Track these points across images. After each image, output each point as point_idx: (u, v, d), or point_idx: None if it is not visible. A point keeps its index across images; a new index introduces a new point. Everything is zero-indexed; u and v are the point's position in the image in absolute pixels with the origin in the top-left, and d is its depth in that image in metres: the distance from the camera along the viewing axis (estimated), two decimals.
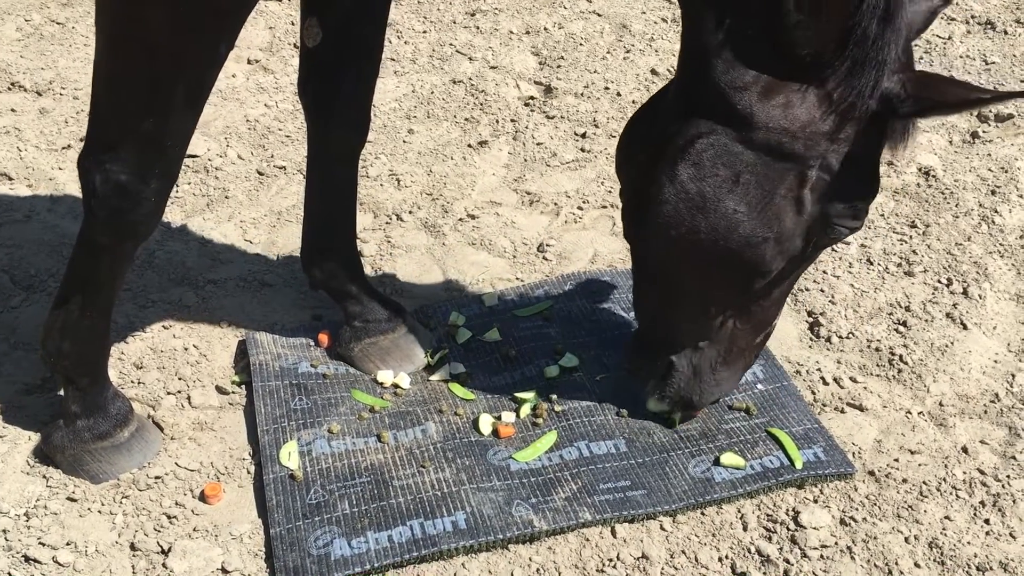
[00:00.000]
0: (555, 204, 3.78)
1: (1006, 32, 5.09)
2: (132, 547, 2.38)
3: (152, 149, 2.16)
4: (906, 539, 2.47)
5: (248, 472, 2.60)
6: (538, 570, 2.36)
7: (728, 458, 2.62)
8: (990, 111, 4.36)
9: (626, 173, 2.46)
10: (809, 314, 3.24)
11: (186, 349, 2.96)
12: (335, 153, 2.73)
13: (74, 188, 3.64)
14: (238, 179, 3.82)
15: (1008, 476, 2.65)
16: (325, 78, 2.60)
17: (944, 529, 2.49)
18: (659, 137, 2.31)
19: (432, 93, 4.44)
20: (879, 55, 2.03)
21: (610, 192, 3.83)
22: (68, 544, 2.37)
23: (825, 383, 2.95)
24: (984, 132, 4.24)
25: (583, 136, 4.19)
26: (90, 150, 2.20)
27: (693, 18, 2.19)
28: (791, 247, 2.27)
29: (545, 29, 5.02)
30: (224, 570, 2.33)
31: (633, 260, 2.52)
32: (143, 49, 2.02)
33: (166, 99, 2.09)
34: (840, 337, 3.13)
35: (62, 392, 2.56)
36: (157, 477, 2.54)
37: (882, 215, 3.74)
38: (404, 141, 4.11)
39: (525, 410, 2.75)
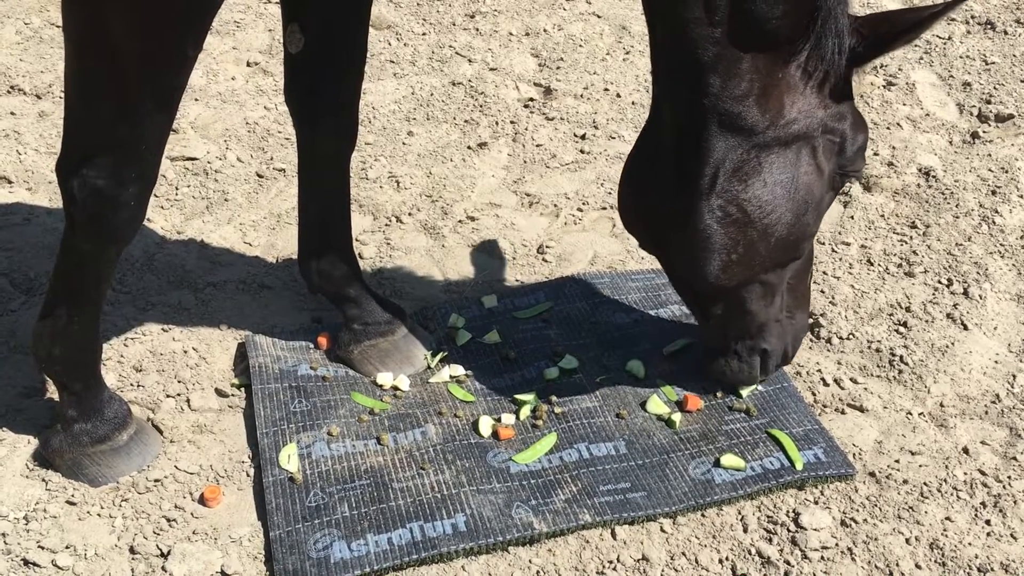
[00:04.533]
0: (555, 206, 3.78)
1: (1006, 32, 5.09)
2: (131, 550, 2.37)
3: (127, 154, 2.15)
4: (907, 540, 2.46)
5: (248, 475, 2.60)
6: (538, 572, 2.36)
7: (728, 459, 2.61)
8: (990, 112, 4.35)
9: (648, 230, 2.54)
10: (810, 315, 3.23)
11: (185, 352, 2.96)
12: (324, 158, 2.73)
13: None
14: (237, 182, 3.82)
15: (1009, 477, 2.64)
16: (310, 83, 2.60)
17: (945, 530, 2.49)
18: (675, 181, 2.35)
19: (431, 95, 4.44)
20: (835, 24, 2.19)
21: (610, 193, 3.83)
22: (67, 547, 2.36)
23: (825, 384, 2.95)
24: (984, 132, 4.23)
25: (583, 138, 4.19)
26: (66, 156, 2.20)
27: (679, 38, 2.18)
28: (823, 205, 2.46)
29: (544, 31, 5.02)
30: (223, 573, 2.32)
31: (691, 295, 2.61)
32: (108, 54, 2.00)
33: (136, 103, 2.08)
34: (840, 338, 3.12)
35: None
36: (156, 480, 2.54)
37: (882, 216, 3.73)
38: (403, 143, 4.11)
39: (525, 412, 2.75)
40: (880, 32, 2.26)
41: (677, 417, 2.74)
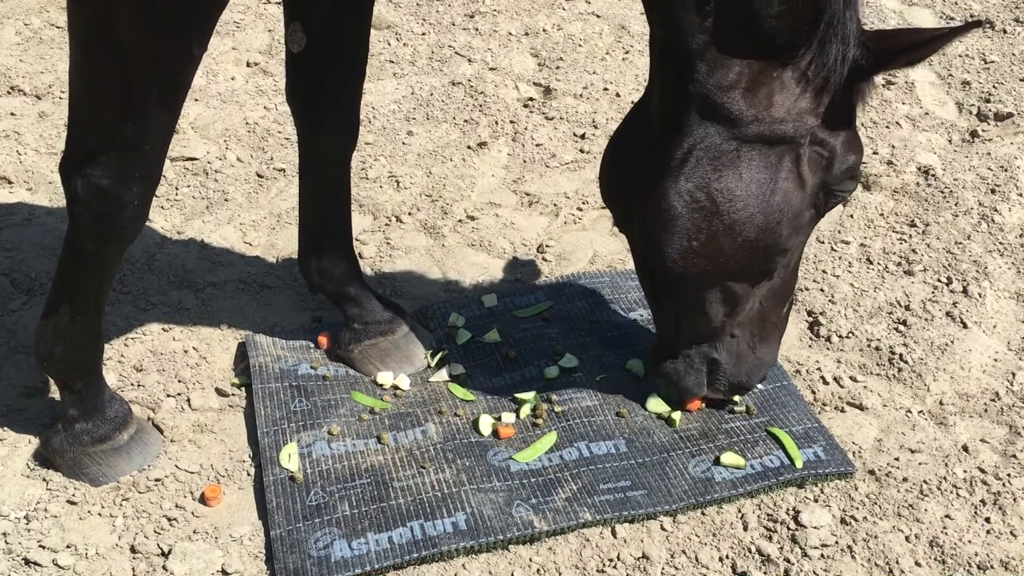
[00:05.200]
0: (554, 205, 3.78)
1: (1005, 31, 5.09)
2: (132, 549, 2.38)
3: (131, 153, 2.16)
4: (907, 538, 2.47)
5: (248, 474, 2.60)
6: (538, 571, 2.36)
7: (728, 458, 2.61)
8: (989, 110, 4.36)
9: (620, 202, 2.50)
10: (809, 313, 3.24)
11: (186, 351, 2.96)
12: (326, 157, 2.73)
13: None
14: (237, 182, 3.83)
15: (1009, 475, 2.65)
16: (311, 83, 2.60)
17: (945, 528, 2.49)
18: (651, 157, 2.33)
19: (431, 95, 4.45)
20: (843, 30, 2.14)
21: None
22: (68, 547, 2.37)
23: (825, 382, 2.95)
24: (983, 131, 4.24)
25: (582, 137, 4.19)
26: (70, 156, 2.20)
27: (669, 24, 2.18)
28: (802, 221, 2.37)
29: (544, 30, 5.02)
30: (224, 572, 2.33)
31: (648, 278, 2.55)
32: (114, 53, 2.01)
33: (141, 103, 2.09)
34: (840, 336, 3.13)
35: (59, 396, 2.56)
36: (157, 479, 2.54)
37: (882, 214, 3.74)
38: (403, 143, 4.12)
39: (525, 411, 2.75)
40: (885, 47, 2.20)
41: (677, 415, 2.74)
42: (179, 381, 2.86)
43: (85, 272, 2.36)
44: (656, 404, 2.78)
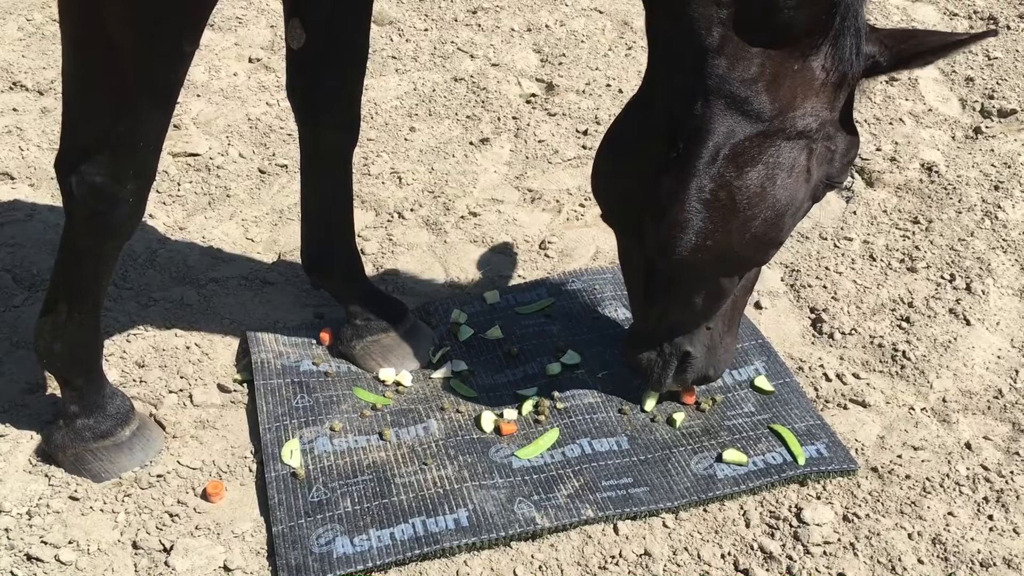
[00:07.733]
0: (557, 201, 3.78)
1: (1009, 27, 5.07)
2: (134, 545, 2.38)
3: (124, 150, 2.15)
4: (909, 535, 2.46)
5: (250, 470, 2.60)
6: (540, 567, 2.36)
7: (730, 455, 2.61)
8: (993, 107, 4.35)
9: (621, 202, 2.44)
10: (812, 310, 3.23)
11: (188, 347, 2.96)
12: (327, 153, 2.73)
13: None
14: (240, 177, 3.82)
15: (1012, 472, 2.64)
16: (312, 79, 2.60)
17: (947, 525, 2.49)
18: (663, 157, 2.27)
19: (434, 91, 4.44)
20: (855, 23, 2.11)
21: None
22: (70, 543, 2.37)
23: (828, 379, 2.95)
24: (987, 128, 4.23)
25: (585, 133, 4.18)
26: (64, 153, 2.20)
27: (682, 20, 2.11)
28: (800, 214, 2.35)
29: (547, 26, 5.01)
30: (226, 568, 2.33)
31: (640, 273, 2.51)
32: (106, 51, 2.01)
33: (133, 100, 2.09)
34: (843, 333, 3.12)
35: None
36: (159, 475, 2.55)
37: (885, 211, 3.73)
38: (405, 139, 4.11)
39: (527, 407, 2.75)
40: (905, 47, 2.18)
41: (679, 416, 2.73)
42: (181, 377, 2.86)
43: (82, 269, 2.36)
44: (653, 403, 2.78)
